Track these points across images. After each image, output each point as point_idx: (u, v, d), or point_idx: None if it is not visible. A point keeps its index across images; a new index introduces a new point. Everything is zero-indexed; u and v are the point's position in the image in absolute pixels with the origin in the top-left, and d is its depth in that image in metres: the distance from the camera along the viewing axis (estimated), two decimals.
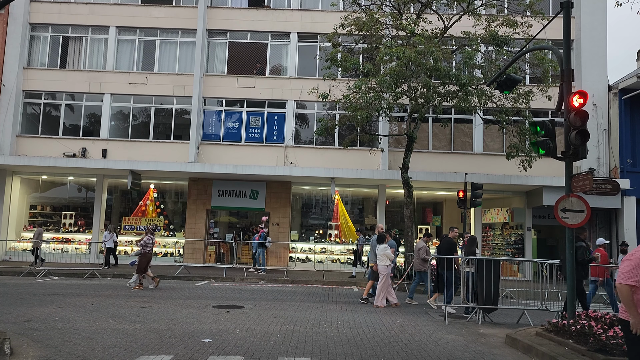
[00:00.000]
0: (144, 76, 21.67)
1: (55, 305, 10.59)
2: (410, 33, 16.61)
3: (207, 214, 21.31)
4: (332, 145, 21.16)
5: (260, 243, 18.91)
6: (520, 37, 17.33)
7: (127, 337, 7.76)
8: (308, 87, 20.07)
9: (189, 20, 21.79)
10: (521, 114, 17.15)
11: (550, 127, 9.19)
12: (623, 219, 19.20)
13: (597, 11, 20.40)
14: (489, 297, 10.35)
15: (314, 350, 7.30)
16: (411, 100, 17.20)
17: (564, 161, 8.85)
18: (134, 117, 21.85)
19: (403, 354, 7.27)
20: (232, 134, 21.48)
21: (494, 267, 10.51)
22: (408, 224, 17.61)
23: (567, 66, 8.87)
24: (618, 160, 19.68)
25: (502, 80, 11.08)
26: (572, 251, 8.57)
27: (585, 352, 6.91)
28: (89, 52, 22.14)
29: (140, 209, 21.76)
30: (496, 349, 7.91)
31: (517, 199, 21.49)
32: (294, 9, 21.90)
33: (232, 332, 8.28)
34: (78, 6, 22.09)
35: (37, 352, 6.73)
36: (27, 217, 22.08)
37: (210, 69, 21.96)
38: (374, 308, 11.71)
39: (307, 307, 11.36)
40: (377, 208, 21.24)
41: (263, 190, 21.15)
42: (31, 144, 21.24)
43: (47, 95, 21.83)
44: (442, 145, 21.13)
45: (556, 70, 15.87)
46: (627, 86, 19.48)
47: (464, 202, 18.27)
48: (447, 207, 22.79)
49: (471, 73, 16.78)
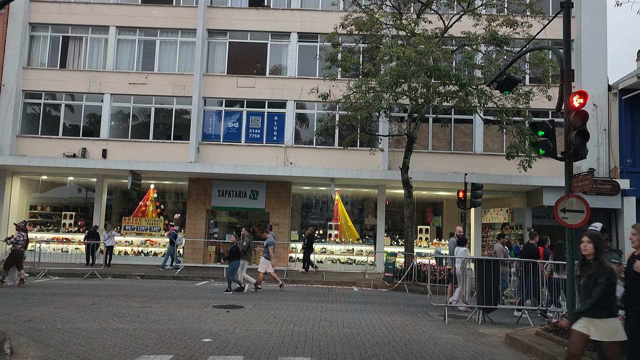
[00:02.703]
0: (144, 76, 21.68)
1: (55, 305, 10.59)
2: (411, 33, 16.61)
3: (207, 214, 21.31)
4: (332, 146, 21.16)
5: (171, 240, 18.88)
6: (520, 37, 17.33)
7: (127, 337, 7.76)
8: (308, 87, 20.07)
9: (189, 20, 21.79)
10: (521, 114, 17.14)
11: (550, 127, 9.17)
12: (623, 219, 19.18)
13: (597, 11, 20.39)
14: (489, 297, 10.36)
15: (313, 350, 7.31)
16: (411, 100, 17.20)
17: (563, 161, 8.84)
18: (134, 117, 21.85)
19: (403, 354, 7.27)
20: (232, 134, 21.48)
21: (493, 267, 10.51)
22: (408, 224, 17.60)
23: (567, 66, 8.86)
24: (618, 160, 19.67)
25: (502, 80, 11.08)
26: (572, 251, 8.56)
27: (585, 352, 6.91)
28: (88, 52, 22.14)
29: (140, 209, 21.76)
30: (496, 349, 7.91)
31: (517, 199, 21.49)
32: (294, 9, 21.90)
33: (232, 332, 8.28)
34: (78, 6, 22.09)
35: (37, 352, 6.73)
36: (27, 217, 22.04)
37: (210, 69, 21.96)
38: (374, 308, 11.71)
39: (307, 307, 11.36)
40: (377, 208, 21.25)
41: (263, 191, 21.16)
42: (31, 144, 21.23)
43: (47, 95, 21.83)
44: (442, 146, 21.13)
45: (556, 70, 15.86)
46: (627, 86, 19.46)
47: (464, 202, 18.28)
48: (447, 207, 22.79)
49: (471, 73, 16.78)
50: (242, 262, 13.91)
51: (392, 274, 16.77)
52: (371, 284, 16.67)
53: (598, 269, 5.02)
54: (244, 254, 13.98)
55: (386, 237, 21.04)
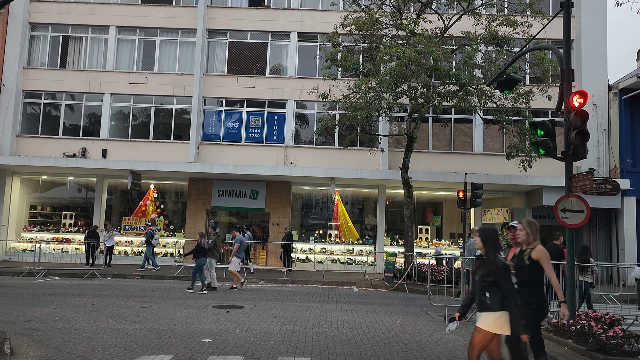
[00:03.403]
0: (144, 76, 21.67)
1: (55, 305, 10.59)
2: (411, 33, 16.61)
3: (207, 214, 21.31)
4: (332, 145, 21.16)
5: (147, 241, 18.85)
6: (520, 37, 17.32)
7: (127, 337, 7.76)
8: (308, 87, 20.05)
9: (189, 19, 21.78)
10: (521, 113, 17.13)
11: (550, 127, 9.18)
12: (623, 219, 19.18)
13: (597, 11, 20.38)
14: None
15: (313, 350, 7.31)
16: (411, 100, 17.19)
17: (564, 161, 8.85)
18: (134, 117, 21.84)
19: (403, 354, 7.27)
20: (232, 134, 21.48)
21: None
22: (408, 224, 17.60)
23: (567, 66, 8.87)
24: (618, 160, 19.67)
25: (502, 80, 11.08)
26: (572, 251, 8.57)
27: (585, 352, 6.92)
28: (88, 51, 22.13)
29: (140, 209, 21.75)
30: None
31: (517, 199, 21.48)
32: (294, 9, 21.90)
33: (232, 332, 8.28)
34: (78, 6, 22.08)
35: (37, 352, 6.73)
36: (27, 217, 22.07)
37: (210, 69, 21.96)
38: (374, 308, 11.71)
39: (307, 307, 11.36)
40: (377, 208, 21.24)
41: (263, 190, 21.15)
42: (31, 144, 21.23)
43: (47, 95, 21.82)
44: (442, 145, 21.13)
45: (556, 70, 15.85)
46: (627, 86, 19.46)
47: (464, 202, 18.27)
48: (447, 207, 22.78)
49: (471, 73, 16.77)
50: (209, 260, 13.97)
51: (392, 274, 16.77)
52: (371, 284, 16.67)
53: (490, 267, 4.96)
54: (210, 251, 14.03)
55: (386, 237, 21.04)
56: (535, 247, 5.44)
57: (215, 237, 14.46)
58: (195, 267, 13.82)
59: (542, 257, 5.37)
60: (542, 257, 5.37)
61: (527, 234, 5.52)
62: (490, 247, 5.05)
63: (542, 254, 5.38)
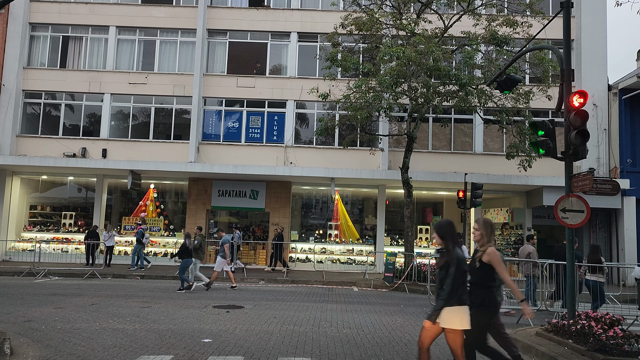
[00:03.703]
0: (144, 76, 21.67)
1: (55, 305, 10.59)
2: (410, 33, 16.60)
3: (207, 214, 21.31)
4: (332, 145, 21.16)
5: (138, 240, 18.87)
6: (520, 37, 17.32)
7: (127, 337, 7.76)
8: (308, 87, 20.05)
9: (189, 20, 21.78)
10: (521, 113, 17.13)
11: (550, 127, 9.18)
12: (623, 219, 19.19)
13: (597, 11, 20.39)
14: None
15: (313, 350, 7.31)
16: (411, 100, 17.19)
17: (564, 161, 8.84)
18: (134, 117, 21.84)
19: (403, 354, 7.27)
20: (232, 133, 21.48)
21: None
22: (408, 224, 17.60)
23: (567, 66, 8.86)
24: (618, 160, 19.67)
25: (502, 80, 11.08)
26: (571, 251, 8.57)
27: (585, 352, 6.91)
28: (88, 52, 22.13)
29: (140, 209, 21.74)
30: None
31: (517, 199, 21.48)
32: (294, 9, 21.90)
33: (232, 332, 8.28)
34: (78, 6, 22.08)
35: (37, 352, 6.73)
36: (27, 217, 22.07)
37: (210, 69, 21.96)
38: (374, 308, 11.71)
39: (307, 307, 11.36)
40: (377, 208, 21.24)
41: (263, 190, 21.15)
42: (31, 144, 21.23)
43: (47, 95, 21.82)
44: (442, 145, 21.13)
45: (556, 70, 15.85)
46: (627, 86, 19.46)
47: (464, 202, 18.27)
48: (447, 207, 22.78)
49: (471, 73, 16.77)
50: (194, 260, 14.08)
51: (392, 274, 16.76)
52: (371, 284, 16.67)
53: (448, 258, 5.02)
54: (195, 252, 14.14)
55: (386, 237, 21.03)
56: (486, 249, 5.40)
57: (201, 238, 14.57)
58: (180, 267, 13.95)
59: (494, 259, 5.31)
60: (493, 260, 5.32)
61: (482, 235, 5.49)
62: (448, 240, 5.10)
63: (493, 256, 5.32)
